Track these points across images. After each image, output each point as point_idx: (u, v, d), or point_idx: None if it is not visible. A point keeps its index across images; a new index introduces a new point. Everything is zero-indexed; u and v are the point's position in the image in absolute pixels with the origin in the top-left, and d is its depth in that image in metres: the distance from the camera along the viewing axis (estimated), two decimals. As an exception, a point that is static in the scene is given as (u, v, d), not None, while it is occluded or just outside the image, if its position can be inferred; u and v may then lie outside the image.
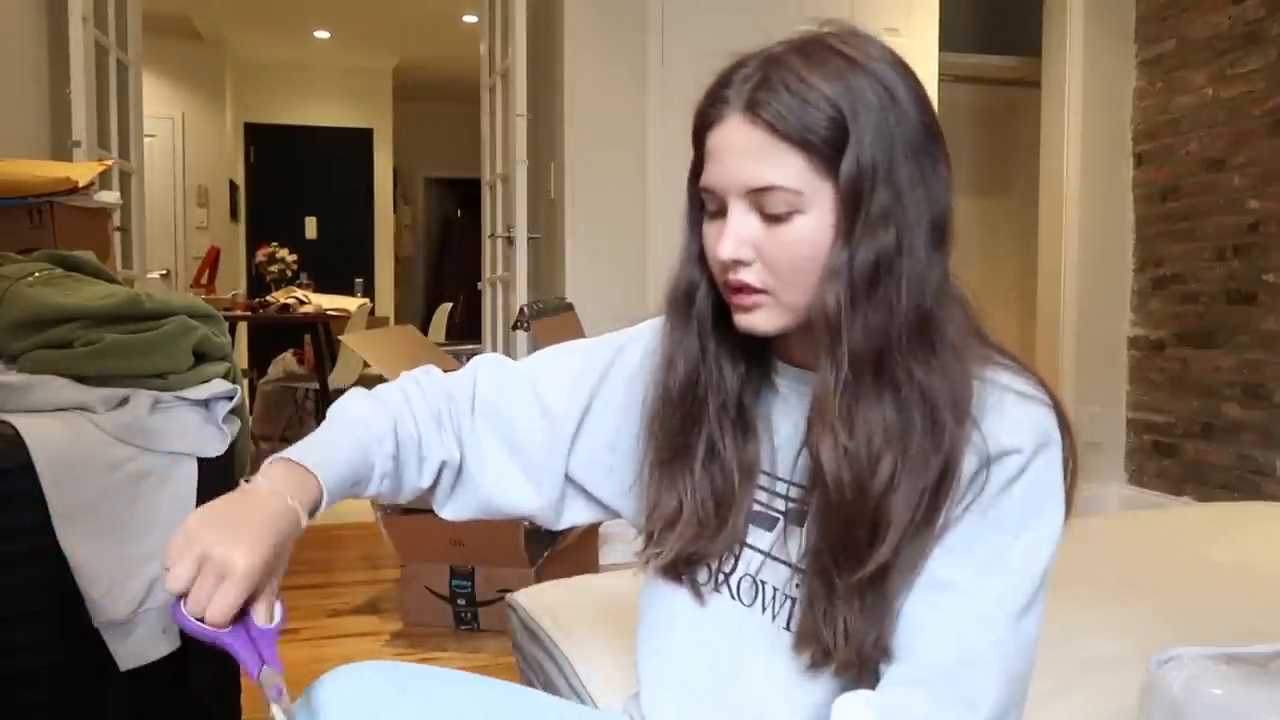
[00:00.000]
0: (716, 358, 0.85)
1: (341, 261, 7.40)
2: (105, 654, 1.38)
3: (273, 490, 0.78)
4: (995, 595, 0.76)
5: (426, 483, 0.94)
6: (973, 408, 0.77)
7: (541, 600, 1.64)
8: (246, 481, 0.79)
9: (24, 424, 1.34)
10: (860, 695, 0.77)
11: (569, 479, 0.96)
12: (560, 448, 0.95)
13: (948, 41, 4.01)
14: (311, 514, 0.81)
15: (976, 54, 4.59)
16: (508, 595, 1.74)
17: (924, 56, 3.90)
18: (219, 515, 0.75)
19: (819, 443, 0.78)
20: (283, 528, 0.76)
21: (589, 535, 2.97)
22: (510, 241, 3.65)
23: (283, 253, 5.59)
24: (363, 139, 7.67)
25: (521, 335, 3.55)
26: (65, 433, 1.37)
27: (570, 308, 3.06)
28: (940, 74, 3.95)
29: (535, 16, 3.66)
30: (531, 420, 0.95)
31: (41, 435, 1.34)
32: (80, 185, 1.90)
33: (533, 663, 1.59)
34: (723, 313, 0.84)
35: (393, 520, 2.74)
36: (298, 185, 7.64)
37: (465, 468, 0.95)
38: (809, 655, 0.80)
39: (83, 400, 1.42)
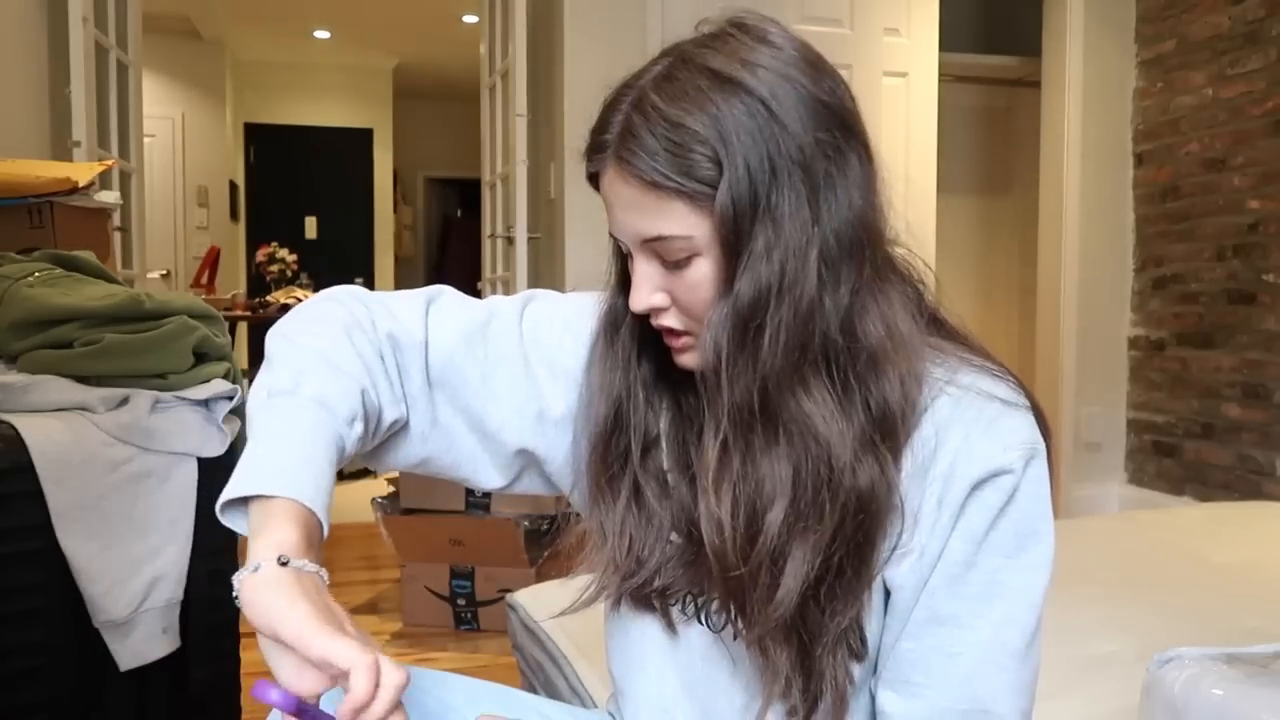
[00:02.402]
0: (657, 381, 0.81)
1: (341, 261, 7.40)
2: (105, 654, 1.38)
3: (307, 568, 0.64)
4: (997, 624, 0.73)
5: (370, 447, 0.82)
6: (942, 417, 0.73)
7: (541, 600, 1.64)
8: (275, 562, 0.62)
9: (24, 424, 1.34)
10: None
11: (531, 454, 0.87)
12: (530, 427, 0.85)
13: (948, 41, 4.02)
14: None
15: (976, 54, 4.59)
16: (508, 595, 1.74)
17: (924, 56, 3.90)
18: (326, 613, 0.61)
19: (700, 509, 0.74)
20: None
21: (589, 535, 2.97)
22: (510, 241, 3.65)
23: (283, 253, 5.59)
24: (363, 139, 7.67)
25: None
26: (65, 433, 1.37)
27: (570, 308, 3.06)
28: (940, 74, 3.95)
29: (535, 16, 3.66)
30: (499, 390, 0.84)
31: (41, 435, 1.34)
32: (80, 185, 1.90)
33: (532, 663, 1.59)
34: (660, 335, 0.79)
35: (393, 520, 2.74)
36: (298, 185, 7.64)
37: (410, 425, 0.84)
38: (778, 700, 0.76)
39: (83, 400, 1.42)
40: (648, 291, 0.74)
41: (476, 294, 4.12)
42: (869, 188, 0.73)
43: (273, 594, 0.61)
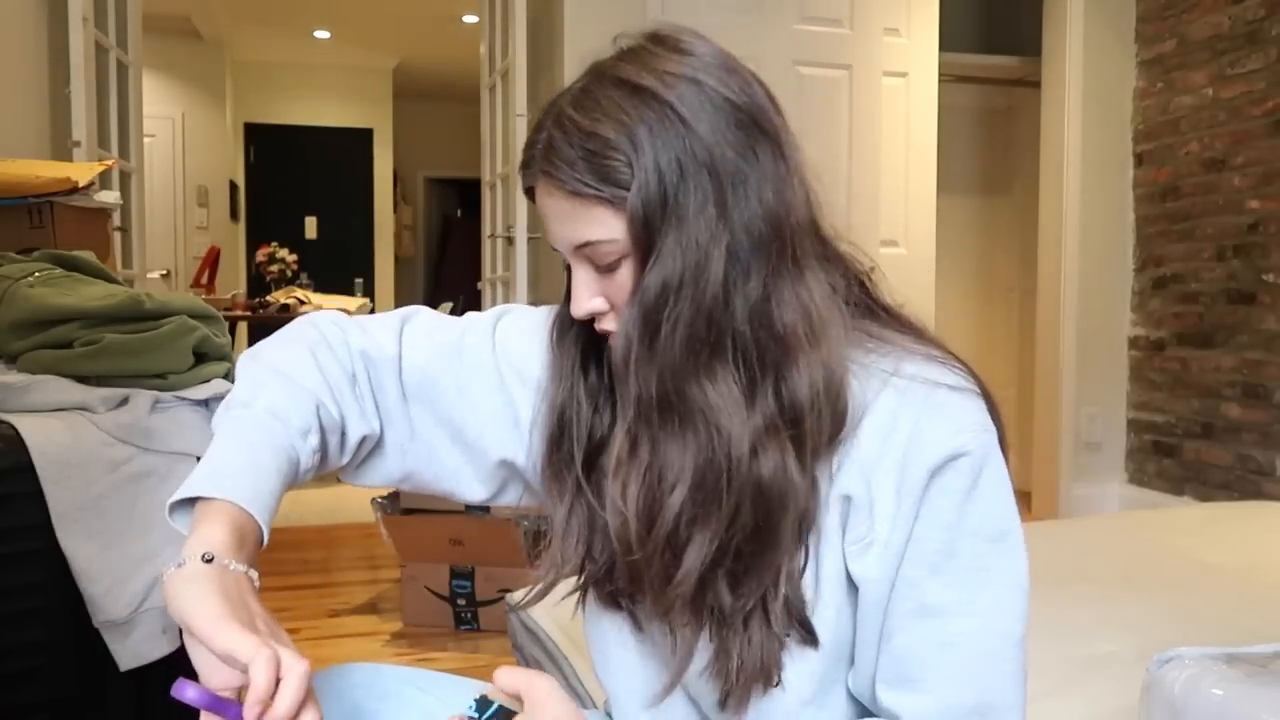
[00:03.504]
0: (608, 389, 0.83)
1: (341, 261, 7.40)
2: (105, 654, 1.38)
3: (232, 566, 0.67)
4: (989, 610, 0.73)
5: (345, 461, 0.86)
6: (889, 407, 0.74)
7: (541, 600, 1.64)
8: (201, 555, 0.65)
9: (24, 424, 1.34)
10: None
11: (512, 464, 0.89)
12: (508, 436, 0.88)
13: (948, 41, 4.02)
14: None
15: (976, 54, 4.59)
16: (508, 595, 1.74)
17: (924, 56, 3.90)
18: (241, 610, 0.65)
19: (605, 499, 0.77)
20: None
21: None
22: (510, 241, 3.65)
23: (283, 253, 5.59)
24: (363, 139, 7.67)
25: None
26: (65, 433, 1.37)
27: (570, 308, 3.06)
28: (940, 74, 3.95)
29: (535, 16, 3.67)
30: (476, 400, 0.87)
31: (41, 435, 1.34)
32: (80, 185, 1.90)
33: (532, 662, 1.59)
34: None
35: (393, 520, 2.74)
36: (298, 185, 7.64)
37: (385, 441, 0.87)
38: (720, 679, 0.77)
39: (83, 400, 1.42)
40: (585, 297, 0.77)
41: (477, 294, 4.08)
42: (784, 183, 0.74)
43: (191, 588, 0.64)
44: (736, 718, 0.77)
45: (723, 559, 0.73)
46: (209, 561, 0.65)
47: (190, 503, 0.71)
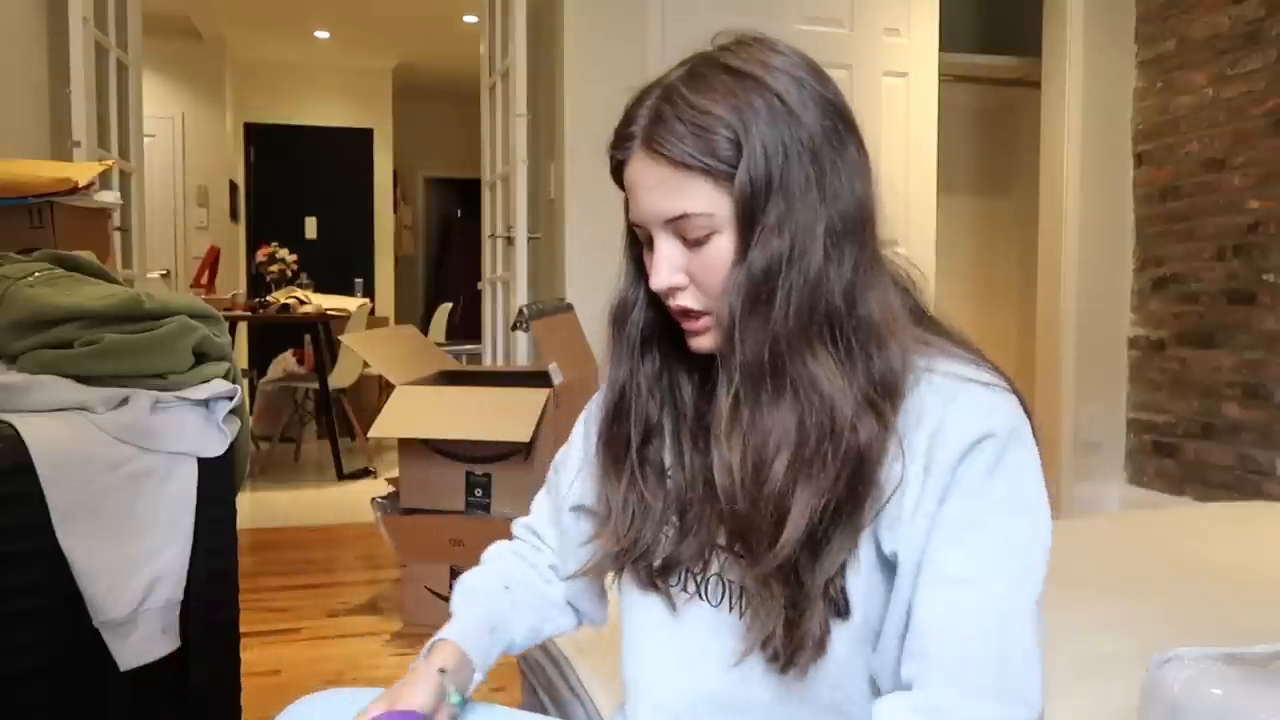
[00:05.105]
0: (660, 376, 0.89)
1: (341, 261, 7.40)
2: (105, 654, 1.38)
3: (444, 676, 0.89)
4: (1012, 578, 0.75)
5: (570, 592, 1.07)
6: (921, 399, 0.77)
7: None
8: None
9: (24, 424, 1.34)
10: (904, 699, 0.75)
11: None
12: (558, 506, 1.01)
13: (948, 41, 4.02)
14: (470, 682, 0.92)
15: (976, 54, 4.59)
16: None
17: (924, 56, 3.90)
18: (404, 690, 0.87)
19: (714, 456, 0.81)
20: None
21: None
22: (510, 241, 3.65)
23: (283, 253, 5.59)
24: (363, 139, 7.66)
25: (521, 335, 3.56)
26: (65, 433, 1.37)
27: (570, 308, 3.06)
28: (940, 74, 3.95)
29: (535, 16, 3.67)
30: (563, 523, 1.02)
31: (41, 435, 1.34)
32: (80, 185, 1.90)
33: (533, 663, 1.59)
34: (666, 331, 0.87)
35: (393, 520, 2.74)
36: (298, 185, 7.64)
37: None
38: (759, 648, 0.80)
39: (83, 400, 1.42)
40: (669, 271, 0.81)
41: (477, 295, 4.08)
42: (867, 177, 0.81)
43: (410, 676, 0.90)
44: (798, 681, 0.80)
45: (823, 521, 0.76)
46: (442, 672, 0.89)
47: None
